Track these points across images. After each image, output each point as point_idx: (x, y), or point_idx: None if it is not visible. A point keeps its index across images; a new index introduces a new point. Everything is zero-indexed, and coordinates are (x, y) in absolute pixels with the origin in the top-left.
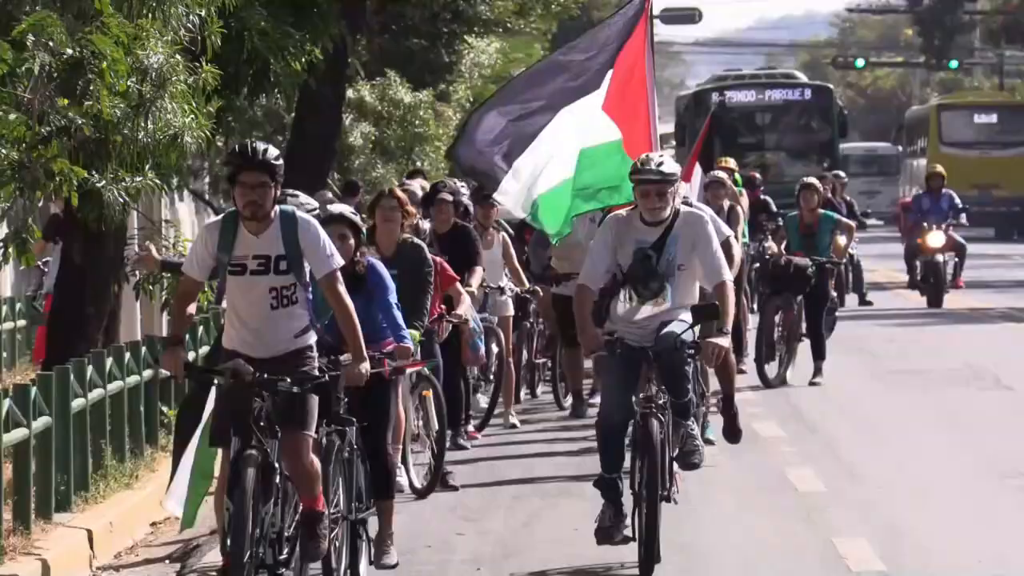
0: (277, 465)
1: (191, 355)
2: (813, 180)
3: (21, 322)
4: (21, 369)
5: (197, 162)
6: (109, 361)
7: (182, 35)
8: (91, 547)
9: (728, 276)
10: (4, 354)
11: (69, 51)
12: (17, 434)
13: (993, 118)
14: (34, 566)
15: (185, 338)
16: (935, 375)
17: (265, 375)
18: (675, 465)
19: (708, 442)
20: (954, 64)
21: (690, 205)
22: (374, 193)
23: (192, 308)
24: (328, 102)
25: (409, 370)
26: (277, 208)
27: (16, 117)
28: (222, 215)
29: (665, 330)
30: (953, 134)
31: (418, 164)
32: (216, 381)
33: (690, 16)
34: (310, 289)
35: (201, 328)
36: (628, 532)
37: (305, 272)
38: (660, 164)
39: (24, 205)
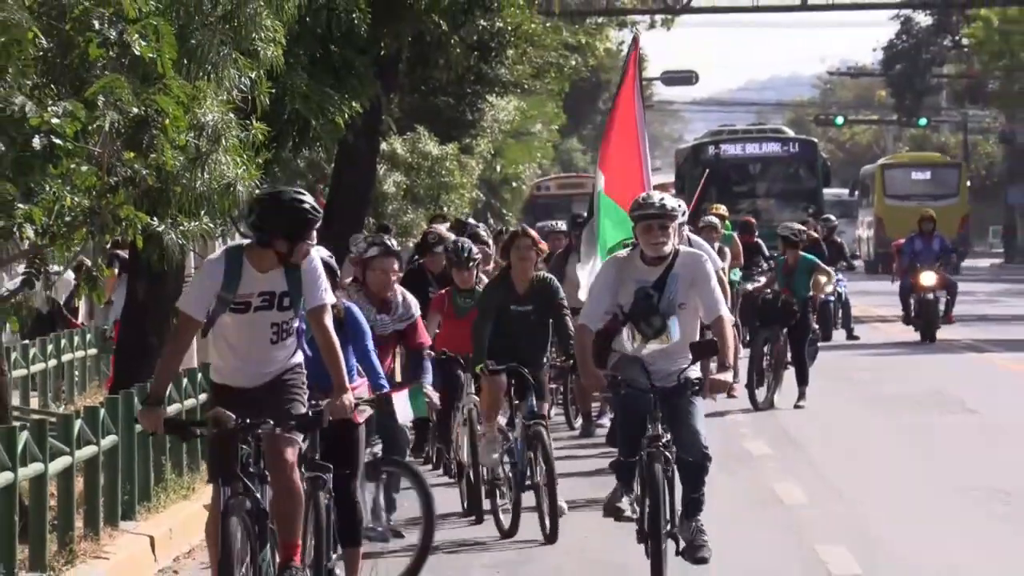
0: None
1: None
2: (791, 225)
3: (92, 351)
4: (91, 393)
5: (248, 207)
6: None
7: (235, 95)
8: (153, 552)
9: (726, 312)
10: (76, 378)
11: (135, 110)
12: (88, 451)
13: (927, 175)
14: (103, 568)
15: (165, 396)
16: (908, 400)
17: (247, 420)
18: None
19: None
20: (923, 122)
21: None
22: (405, 235)
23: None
24: (364, 154)
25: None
26: None
27: (88, 168)
28: (223, 252)
29: (667, 369)
30: (895, 188)
31: (444, 210)
32: (199, 432)
33: (687, 78)
34: (303, 321)
35: (186, 380)
36: (634, 512)
37: (302, 306)
38: (661, 199)
39: (94, 247)
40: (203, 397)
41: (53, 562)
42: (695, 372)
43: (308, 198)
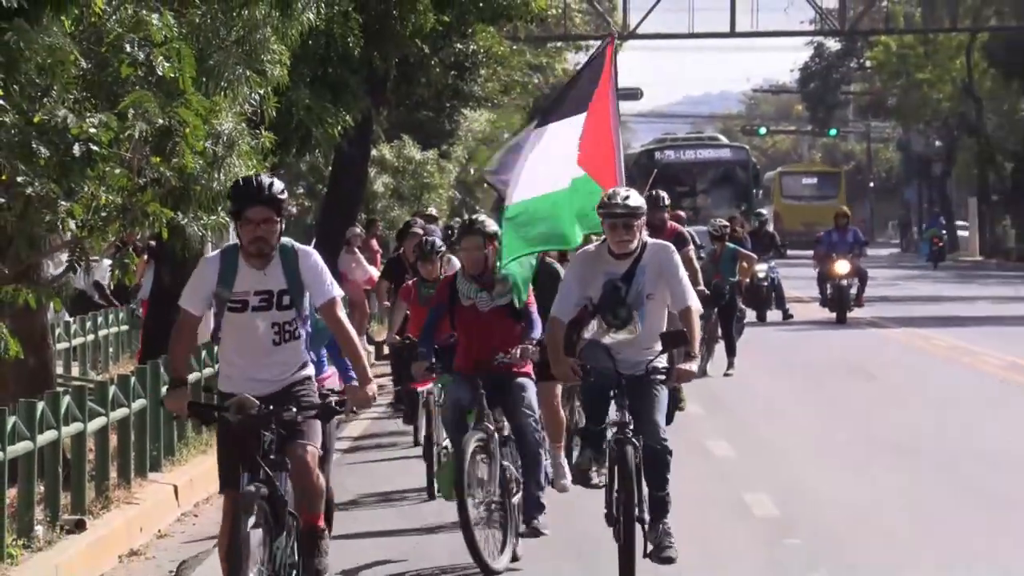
0: (287, 499)
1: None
2: (715, 221)
3: (124, 327)
4: (124, 363)
5: None
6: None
7: (246, 108)
8: (176, 498)
9: (693, 302)
10: (111, 351)
11: (161, 121)
12: (120, 412)
13: (815, 180)
14: (134, 512)
15: (187, 378)
16: (819, 368)
17: (270, 407)
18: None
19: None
20: (833, 132)
21: None
22: (392, 229)
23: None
24: (357, 159)
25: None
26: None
27: (120, 171)
28: (219, 250)
29: (635, 359)
30: (789, 191)
31: (429, 209)
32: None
33: (633, 94)
34: (308, 323)
35: (204, 352)
36: (602, 480)
37: (305, 305)
38: (626, 198)
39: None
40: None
41: (91, 507)
42: (661, 361)
43: (256, 177)
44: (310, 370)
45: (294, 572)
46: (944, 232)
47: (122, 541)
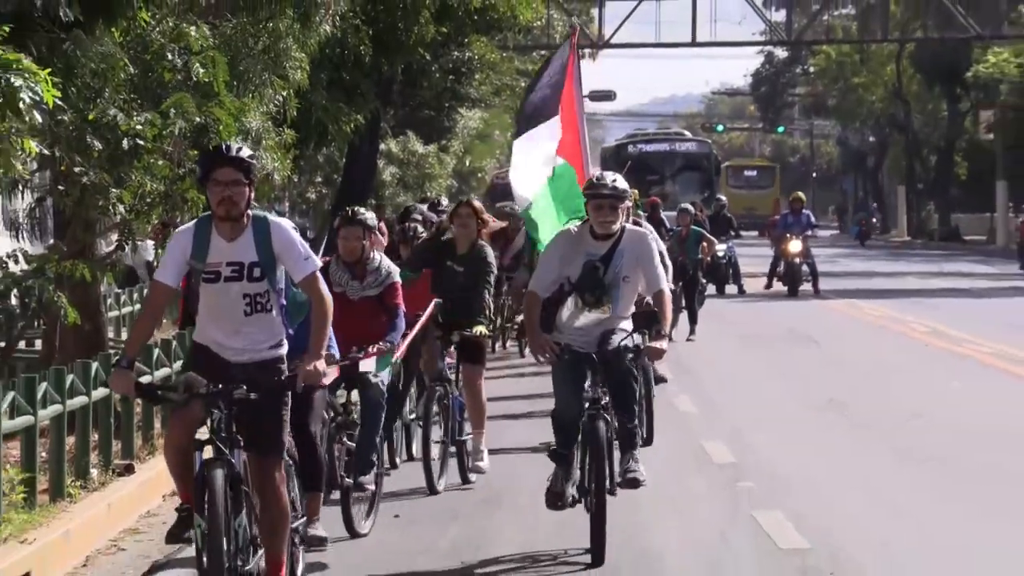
0: (243, 475)
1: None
2: (686, 205)
3: None
4: (165, 328)
5: (281, 192)
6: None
7: (271, 108)
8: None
9: (666, 286)
10: None
11: (198, 119)
12: (163, 371)
13: (754, 172)
14: (163, 465)
15: (135, 361)
16: (770, 336)
17: (219, 385)
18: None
19: (661, 379)
20: (780, 129)
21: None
22: (397, 214)
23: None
24: (367, 152)
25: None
26: (250, 212)
27: (163, 162)
28: (194, 222)
29: (609, 337)
30: (733, 181)
31: (428, 195)
32: (171, 397)
33: (607, 95)
34: (284, 297)
35: (158, 351)
36: (575, 494)
37: (279, 278)
38: (614, 181)
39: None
40: (177, 365)
41: (139, 453)
42: (632, 339)
43: (228, 145)
44: (284, 349)
45: (252, 548)
46: (873, 217)
47: (165, 482)
